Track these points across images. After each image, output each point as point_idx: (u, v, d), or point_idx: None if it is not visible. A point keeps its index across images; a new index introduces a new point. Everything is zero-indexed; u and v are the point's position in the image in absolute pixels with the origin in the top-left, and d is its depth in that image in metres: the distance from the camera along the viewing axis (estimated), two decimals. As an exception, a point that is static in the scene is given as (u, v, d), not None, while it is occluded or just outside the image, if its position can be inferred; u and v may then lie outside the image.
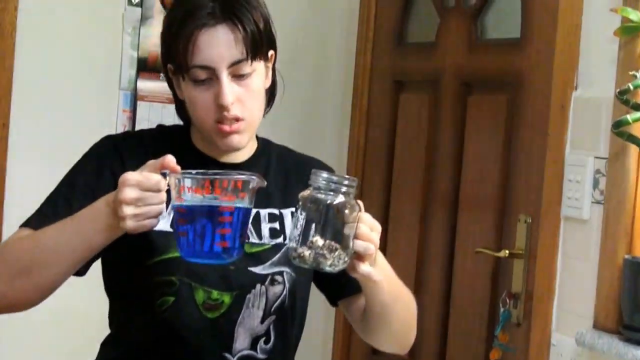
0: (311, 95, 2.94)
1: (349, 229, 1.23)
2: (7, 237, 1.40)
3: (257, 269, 1.41)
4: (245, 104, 1.38)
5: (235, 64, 1.36)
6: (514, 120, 2.30)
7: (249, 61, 1.37)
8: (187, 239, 1.22)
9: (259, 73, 1.40)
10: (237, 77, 1.37)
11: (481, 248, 2.32)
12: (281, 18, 1.45)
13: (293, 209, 1.42)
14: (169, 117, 2.67)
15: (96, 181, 1.39)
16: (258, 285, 1.41)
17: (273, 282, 1.42)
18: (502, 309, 2.23)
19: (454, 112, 2.52)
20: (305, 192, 1.24)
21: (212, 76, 1.36)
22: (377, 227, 1.28)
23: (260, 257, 1.42)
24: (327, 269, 1.24)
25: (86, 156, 1.44)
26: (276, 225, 1.45)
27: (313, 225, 1.22)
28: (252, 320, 1.41)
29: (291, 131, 2.71)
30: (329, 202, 1.22)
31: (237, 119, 1.38)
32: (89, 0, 2.71)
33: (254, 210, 1.38)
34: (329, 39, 2.93)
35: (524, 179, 2.25)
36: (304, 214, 1.23)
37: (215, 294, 1.38)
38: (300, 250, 1.23)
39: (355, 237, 1.24)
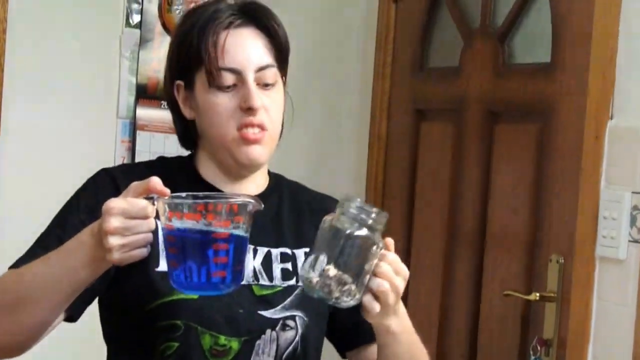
0: (325, 124, 2.95)
1: (369, 266, 1.24)
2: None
3: (268, 313, 1.42)
4: (270, 114, 1.41)
5: (263, 68, 1.41)
6: (544, 151, 2.31)
7: (275, 69, 1.42)
8: (180, 269, 1.20)
9: (280, 87, 1.44)
10: (262, 86, 1.41)
11: (510, 290, 2.32)
12: (294, 40, 1.48)
13: (306, 249, 1.43)
14: (172, 148, 2.67)
15: (90, 218, 1.35)
16: (268, 331, 1.41)
17: (284, 327, 1.42)
18: (532, 357, 2.23)
19: (480, 142, 2.54)
20: (330, 216, 1.25)
21: (238, 82, 1.40)
22: (404, 272, 1.28)
23: (270, 300, 1.42)
24: (332, 301, 1.24)
25: (80, 192, 1.45)
26: (288, 266, 1.45)
27: (329, 253, 1.23)
28: None
29: (303, 161, 2.70)
30: (349, 232, 1.22)
31: (261, 127, 1.40)
32: (84, 22, 2.70)
33: (264, 249, 1.44)
34: (343, 63, 2.93)
35: (555, 216, 2.26)
36: (323, 238, 1.24)
37: (222, 339, 1.38)
38: (310, 275, 1.24)
39: (374, 274, 1.24)
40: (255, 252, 1.44)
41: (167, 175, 1.38)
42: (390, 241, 1.28)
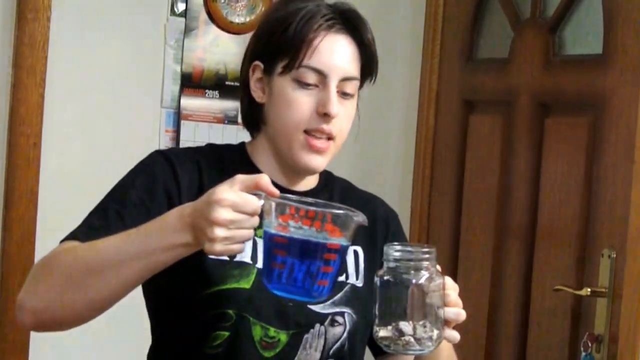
0: (372, 116, 2.91)
1: (434, 299, 1.26)
2: (39, 259, 1.37)
3: (317, 308, 1.44)
4: (341, 124, 1.44)
5: (347, 79, 1.44)
6: (596, 145, 2.32)
7: (357, 82, 1.46)
8: (286, 271, 1.20)
9: (355, 99, 1.48)
10: (341, 94, 1.44)
11: (560, 285, 2.33)
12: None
13: (355, 247, 1.48)
14: (216, 137, 2.78)
15: (150, 198, 1.39)
16: (317, 325, 1.43)
17: (333, 322, 1.44)
18: (583, 354, 2.25)
19: (530, 135, 2.54)
20: (382, 271, 1.26)
21: (320, 83, 1.42)
22: (457, 288, 1.33)
23: None
24: (418, 351, 1.27)
25: (136, 171, 1.45)
26: None
27: (398, 310, 1.25)
28: None
29: (350, 154, 2.68)
30: (414, 282, 1.24)
31: (330, 137, 1.43)
32: (128, 10, 2.71)
33: None
34: (391, 55, 2.87)
35: (608, 210, 2.27)
36: (383, 294, 1.26)
37: (272, 331, 1.40)
38: (383, 334, 1.26)
39: (445, 304, 1.28)
40: None
41: (219, 163, 1.44)
42: (438, 268, 1.29)
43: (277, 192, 1.22)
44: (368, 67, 1.48)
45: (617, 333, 2.19)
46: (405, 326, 1.24)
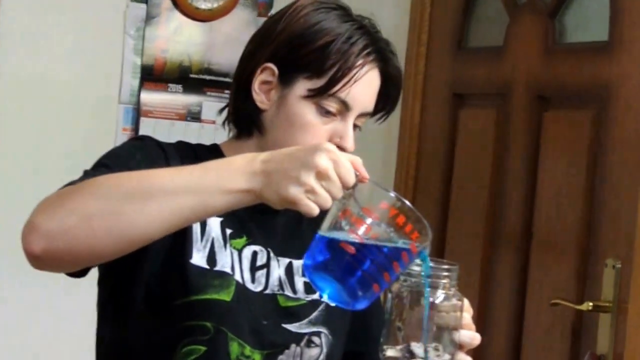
0: None
1: (449, 320, 1.27)
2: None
3: (293, 327, 1.45)
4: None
5: (364, 115, 1.46)
6: (600, 141, 2.32)
7: (370, 117, 1.48)
8: (342, 262, 1.18)
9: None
10: (353, 125, 1.45)
11: (559, 299, 2.32)
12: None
13: None
14: (178, 136, 2.71)
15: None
16: (293, 346, 1.44)
17: (310, 343, 1.46)
18: None
19: (526, 131, 2.53)
20: (397, 286, 1.27)
21: (339, 114, 1.43)
22: (471, 311, 1.34)
23: (296, 313, 1.46)
24: None
25: (133, 146, 1.43)
26: None
27: (408, 329, 1.25)
28: None
29: None
30: (431, 300, 1.24)
31: None
32: None
33: (286, 261, 1.47)
34: None
35: (612, 215, 2.26)
36: (395, 311, 1.26)
37: (247, 349, 1.40)
38: (391, 354, 1.26)
39: (460, 327, 1.28)
40: (276, 263, 1.47)
41: (196, 162, 1.36)
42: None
43: (367, 176, 1.21)
44: (387, 102, 1.49)
45: (623, 353, 2.18)
46: (417, 348, 1.25)
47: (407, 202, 1.19)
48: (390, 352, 1.26)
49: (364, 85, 1.42)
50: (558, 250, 2.39)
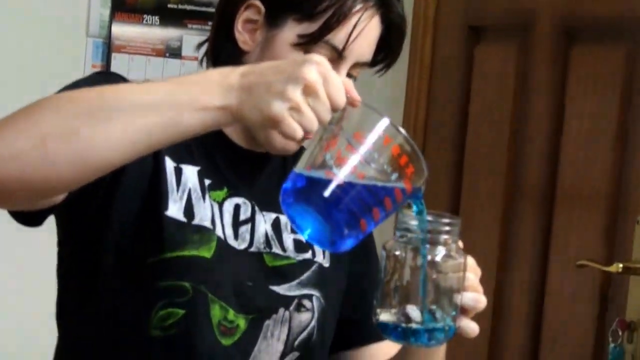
0: None
1: (450, 281, 1.26)
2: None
3: (281, 289, 1.44)
4: None
5: (360, 64, 1.44)
6: (633, 81, 2.31)
7: (368, 67, 1.45)
8: (327, 188, 1.17)
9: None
10: (346, 75, 1.44)
11: (585, 260, 2.33)
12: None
13: None
14: (156, 74, 2.71)
15: None
16: (281, 310, 1.44)
17: (299, 307, 1.45)
18: (612, 345, 2.25)
19: (551, 70, 2.52)
20: (390, 243, 1.26)
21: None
22: (479, 271, 1.32)
23: (284, 273, 1.45)
24: (427, 344, 1.26)
25: (91, 78, 1.40)
26: (301, 237, 1.45)
27: (404, 290, 1.25)
28: (269, 355, 1.43)
29: None
30: (428, 258, 1.24)
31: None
32: None
33: (272, 215, 1.46)
34: None
35: None
36: (389, 270, 1.25)
37: (231, 314, 1.40)
38: (385, 318, 1.26)
39: (463, 288, 1.27)
40: (262, 217, 1.46)
41: None
42: (460, 245, 1.29)
43: (359, 98, 1.19)
44: (388, 53, 1.47)
45: (656, 319, 2.17)
46: (414, 311, 1.24)
47: (404, 131, 1.18)
48: (384, 316, 1.26)
49: (361, 35, 1.40)
50: (585, 206, 2.40)
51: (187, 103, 1.18)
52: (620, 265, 2.25)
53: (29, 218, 1.31)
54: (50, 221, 1.36)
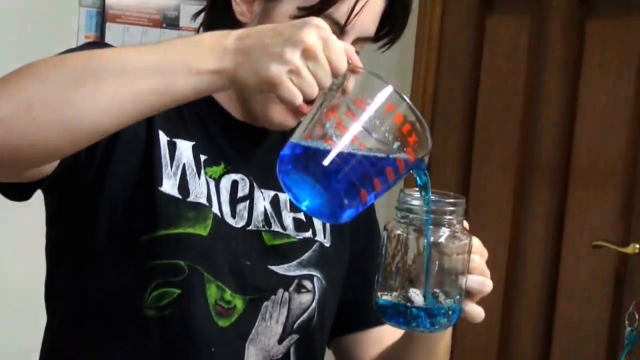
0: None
1: (455, 263, 1.25)
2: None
3: (280, 269, 1.43)
4: None
5: (362, 39, 1.41)
6: None
7: (372, 43, 1.44)
8: (326, 156, 1.16)
9: None
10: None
11: (601, 241, 2.34)
12: None
13: None
14: None
15: None
16: (280, 291, 1.43)
17: (300, 288, 1.44)
18: (628, 329, 2.15)
19: (566, 42, 2.53)
20: (392, 223, 1.25)
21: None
22: (486, 253, 1.32)
23: (284, 253, 1.44)
24: (429, 329, 1.26)
25: (82, 48, 1.35)
26: (301, 216, 1.47)
27: (406, 273, 1.24)
28: (267, 338, 1.42)
29: None
30: (431, 239, 1.23)
31: None
32: None
33: (271, 193, 1.45)
34: None
35: None
36: (390, 252, 1.25)
37: (228, 294, 1.39)
38: (386, 300, 1.25)
39: (468, 271, 1.27)
40: (260, 194, 1.45)
41: None
42: (466, 225, 1.28)
43: (361, 64, 1.19)
44: (393, 28, 1.45)
45: (676, 303, 2.22)
46: (416, 295, 1.23)
47: (407, 99, 1.17)
48: (384, 299, 1.25)
49: (364, 8, 1.39)
50: (600, 184, 2.41)
51: (180, 67, 1.17)
52: (637, 246, 2.28)
53: (17, 192, 1.31)
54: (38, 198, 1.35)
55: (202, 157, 1.41)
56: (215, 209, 1.40)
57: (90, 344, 1.42)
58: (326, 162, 1.16)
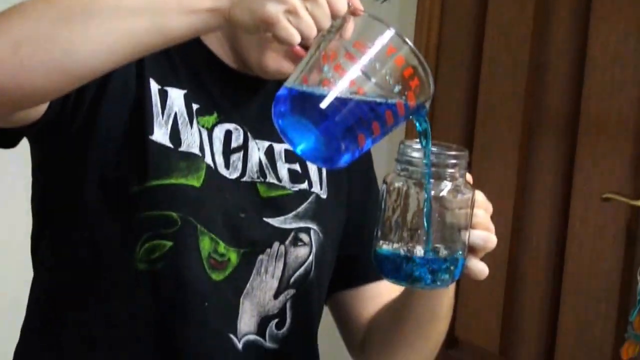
0: None
1: (457, 217, 1.25)
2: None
3: (276, 221, 1.44)
4: None
5: None
6: None
7: None
8: (323, 100, 1.16)
9: None
10: None
11: (610, 193, 2.34)
12: None
13: None
14: None
15: None
16: (276, 244, 1.43)
17: (296, 241, 1.45)
18: None
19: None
20: (391, 176, 1.25)
21: None
22: (490, 208, 1.32)
23: (280, 205, 1.44)
24: (431, 285, 1.26)
25: None
26: (296, 167, 1.47)
27: (406, 227, 1.25)
28: (262, 292, 1.42)
29: None
30: (433, 193, 1.23)
31: None
32: None
33: (265, 144, 1.45)
34: None
35: None
36: (390, 205, 1.25)
37: (222, 246, 1.40)
38: (384, 256, 1.26)
39: (471, 226, 1.27)
40: (255, 145, 1.46)
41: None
42: (469, 179, 1.28)
43: (362, 7, 1.20)
44: None
45: (689, 256, 2.14)
46: (416, 250, 1.24)
47: (410, 42, 1.16)
48: (385, 248, 1.26)
49: None
50: (611, 135, 2.40)
51: (174, 5, 1.17)
52: (650, 199, 2.27)
53: (3, 138, 1.32)
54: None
55: (195, 106, 1.40)
56: (208, 159, 1.40)
57: (79, 299, 1.43)
58: (323, 104, 1.15)
